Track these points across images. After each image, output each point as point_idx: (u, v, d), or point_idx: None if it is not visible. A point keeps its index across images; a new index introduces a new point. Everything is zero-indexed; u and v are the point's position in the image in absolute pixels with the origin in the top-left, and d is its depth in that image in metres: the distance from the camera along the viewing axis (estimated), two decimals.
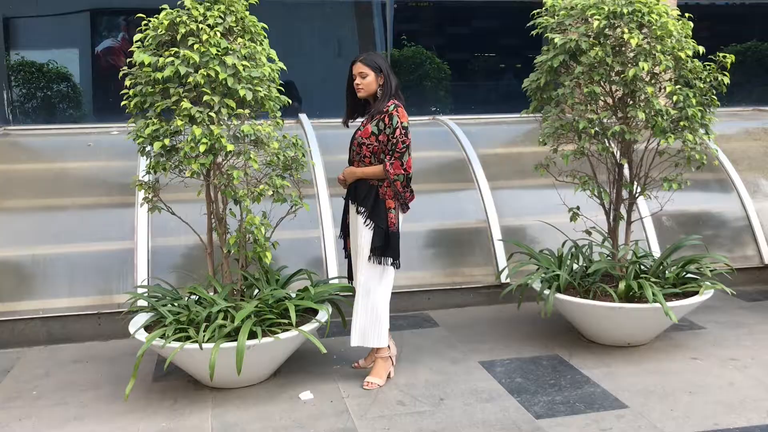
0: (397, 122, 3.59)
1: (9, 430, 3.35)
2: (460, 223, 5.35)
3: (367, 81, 3.67)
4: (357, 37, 8.25)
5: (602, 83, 4.14)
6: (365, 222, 3.67)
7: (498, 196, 5.44)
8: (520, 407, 3.48)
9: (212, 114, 3.47)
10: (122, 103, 3.67)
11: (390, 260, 3.69)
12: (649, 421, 3.31)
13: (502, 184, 5.60)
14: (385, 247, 3.65)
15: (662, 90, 4.19)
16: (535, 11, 4.35)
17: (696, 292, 4.19)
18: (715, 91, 4.18)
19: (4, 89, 6.63)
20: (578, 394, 3.63)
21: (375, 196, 3.67)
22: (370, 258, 3.66)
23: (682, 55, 4.04)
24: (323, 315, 3.82)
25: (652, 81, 4.17)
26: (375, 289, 3.69)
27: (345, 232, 3.95)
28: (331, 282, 4.33)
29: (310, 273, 4.20)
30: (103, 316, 4.55)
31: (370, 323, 3.69)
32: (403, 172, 3.62)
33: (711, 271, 4.27)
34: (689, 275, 4.41)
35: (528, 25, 4.35)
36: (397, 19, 8.08)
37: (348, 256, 3.96)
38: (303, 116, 6.13)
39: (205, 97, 3.47)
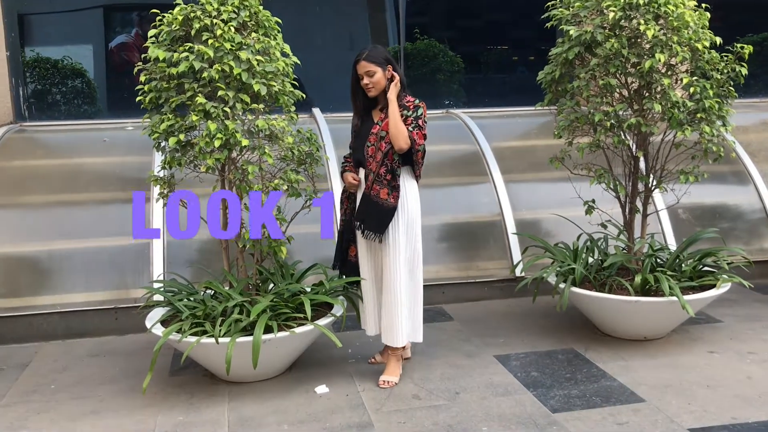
0: (421, 113, 3.56)
1: (27, 424, 3.39)
2: (474, 217, 5.34)
3: (376, 79, 3.57)
4: (369, 31, 8.23)
5: (618, 75, 4.11)
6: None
7: (512, 190, 5.42)
8: (536, 401, 3.47)
9: (227, 109, 3.47)
10: (137, 98, 3.69)
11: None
12: (666, 415, 3.29)
13: (517, 177, 5.58)
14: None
15: (679, 81, 4.14)
16: (549, 3, 4.32)
17: (713, 286, 4.15)
18: (732, 83, 4.14)
19: (20, 86, 6.67)
20: (594, 387, 3.61)
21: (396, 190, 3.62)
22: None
23: (699, 46, 4.00)
24: (338, 309, 3.83)
25: (669, 72, 4.13)
26: (405, 286, 3.64)
27: (344, 238, 3.86)
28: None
29: (325, 267, 4.19)
30: (120, 311, 4.58)
31: (401, 319, 3.64)
32: (423, 142, 3.56)
33: (728, 264, 4.23)
34: (706, 268, 4.38)
35: (542, 17, 4.33)
36: (409, 12, 8.05)
37: (352, 263, 3.86)
38: (316, 110, 6.14)
39: (220, 92, 3.47)
